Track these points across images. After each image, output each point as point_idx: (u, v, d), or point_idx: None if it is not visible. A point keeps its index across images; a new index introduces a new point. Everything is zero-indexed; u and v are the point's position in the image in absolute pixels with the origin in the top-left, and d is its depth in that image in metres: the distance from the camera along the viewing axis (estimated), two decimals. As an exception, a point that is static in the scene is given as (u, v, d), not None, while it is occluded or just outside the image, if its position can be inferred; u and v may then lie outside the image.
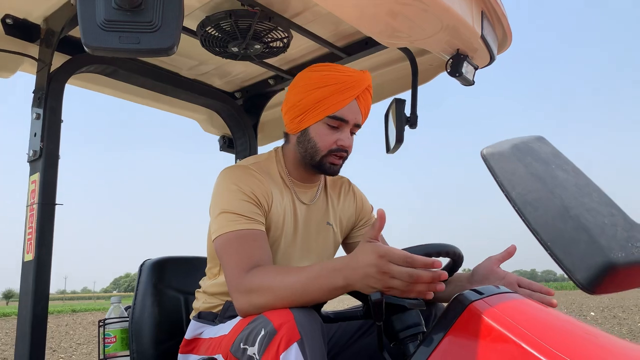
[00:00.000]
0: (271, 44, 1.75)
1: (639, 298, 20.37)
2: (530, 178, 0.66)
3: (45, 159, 1.56)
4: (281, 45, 1.76)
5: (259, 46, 1.74)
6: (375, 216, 1.75)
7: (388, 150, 1.94)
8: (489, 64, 1.79)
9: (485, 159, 0.68)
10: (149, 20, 1.01)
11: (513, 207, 0.64)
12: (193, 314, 1.57)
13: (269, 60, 2.01)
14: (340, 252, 1.72)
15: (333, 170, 1.50)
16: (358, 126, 1.51)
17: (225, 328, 1.34)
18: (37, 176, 1.57)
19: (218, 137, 2.51)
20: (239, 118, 2.30)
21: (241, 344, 1.16)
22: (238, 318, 1.32)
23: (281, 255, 1.49)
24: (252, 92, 2.29)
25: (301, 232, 1.53)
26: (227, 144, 2.48)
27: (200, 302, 1.56)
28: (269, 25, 1.64)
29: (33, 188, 1.57)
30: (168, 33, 1.02)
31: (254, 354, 1.11)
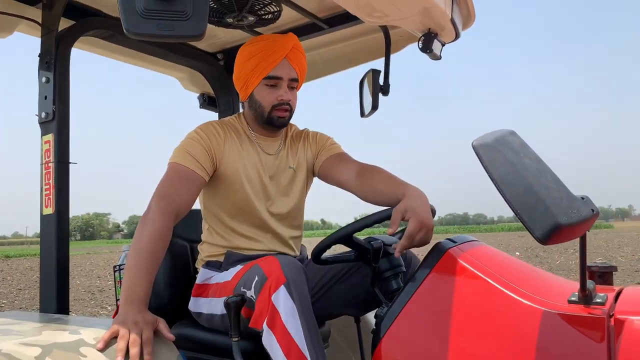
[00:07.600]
0: (263, 16, 1.90)
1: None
2: (507, 163, 0.92)
3: (58, 120, 1.68)
4: (271, 17, 1.92)
5: (252, 18, 1.88)
6: (333, 141, 1.94)
7: (362, 114, 2.16)
8: (455, 40, 2.03)
9: (475, 148, 0.94)
10: (182, 9, 1.15)
11: (494, 185, 0.91)
12: (201, 263, 1.77)
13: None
14: (315, 187, 1.94)
15: (281, 122, 1.74)
16: (295, 80, 1.73)
17: (228, 275, 1.61)
18: (50, 136, 1.68)
19: (197, 95, 2.65)
20: (222, 78, 2.44)
21: (241, 288, 1.46)
22: (238, 267, 1.59)
23: (254, 197, 1.71)
24: (234, 54, 2.40)
25: (270, 178, 1.77)
26: (207, 102, 2.62)
27: (205, 253, 1.77)
28: (264, 0, 1.79)
29: (47, 147, 1.69)
30: (198, 21, 1.16)
31: (252, 295, 1.41)
